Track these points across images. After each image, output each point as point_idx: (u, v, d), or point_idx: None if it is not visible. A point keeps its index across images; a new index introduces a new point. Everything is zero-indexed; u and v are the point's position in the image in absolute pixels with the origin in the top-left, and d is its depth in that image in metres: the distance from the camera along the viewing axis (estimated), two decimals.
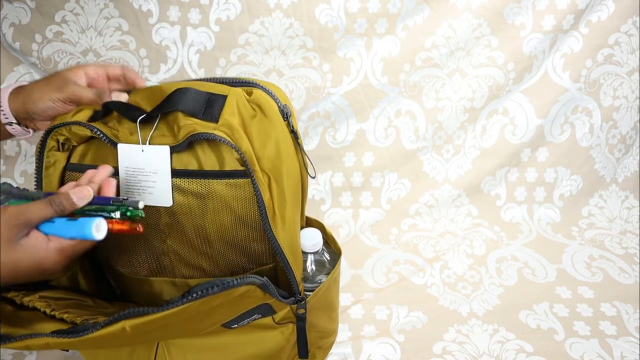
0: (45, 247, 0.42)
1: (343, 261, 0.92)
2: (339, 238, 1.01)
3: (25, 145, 0.97)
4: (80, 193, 0.45)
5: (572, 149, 1.08)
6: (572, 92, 1.04)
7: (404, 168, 1.08)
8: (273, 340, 0.55)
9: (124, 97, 0.53)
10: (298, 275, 0.53)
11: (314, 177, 0.56)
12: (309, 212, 0.65)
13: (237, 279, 0.44)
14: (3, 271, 0.41)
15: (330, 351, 0.71)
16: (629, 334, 0.74)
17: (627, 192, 1.11)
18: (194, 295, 0.42)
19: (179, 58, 0.94)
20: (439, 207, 1.08)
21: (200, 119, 0.49)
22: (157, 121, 0.50)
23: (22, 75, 0.93)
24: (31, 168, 0.96)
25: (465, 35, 0.99)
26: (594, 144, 1.08)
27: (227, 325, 0.52)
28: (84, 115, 0.52)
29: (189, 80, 0.54)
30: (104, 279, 0.62)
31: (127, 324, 0.42)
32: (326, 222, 1.01)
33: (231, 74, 0.96)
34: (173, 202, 0.50)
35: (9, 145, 0.96)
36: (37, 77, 0.89)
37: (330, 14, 0.94)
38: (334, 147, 1.04)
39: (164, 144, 0.49)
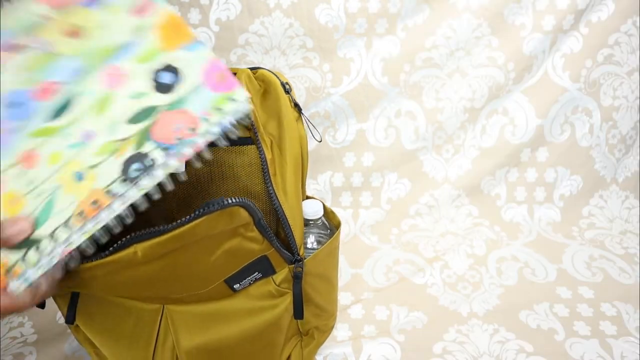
0: None
1: (343, 260, 0.92)
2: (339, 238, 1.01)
3: None
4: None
5: (572, 149, 1.08)
6: (572, 92, 1.04)
7: (403, 168, 1.08)
8: (273, 310, 0.56)
9: None
10: (298, 237, 0.55)
11: (320, 141, 0.59)
12: None
13: (232, 199, 0.46)
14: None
15: (330, 351, 0.71)
16: (629, 334, 0.74)
17: (628, 192, 1.11)
18: (197, 212, 0.44)
19: None
20: (439, 207, 1.08)
21: None
22: None
23: None
24: None
25: (466, 35, 0.99)
26: (594, 144, 1.08)
27: (230, 284, 0.53)
28: None
29: None
30: None
31: (138, 247, 0.43)
32: None
33: None
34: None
35: None
36: None
37: (330, 14, 0.94)
38: (334, 147, 1.04)
39: None
